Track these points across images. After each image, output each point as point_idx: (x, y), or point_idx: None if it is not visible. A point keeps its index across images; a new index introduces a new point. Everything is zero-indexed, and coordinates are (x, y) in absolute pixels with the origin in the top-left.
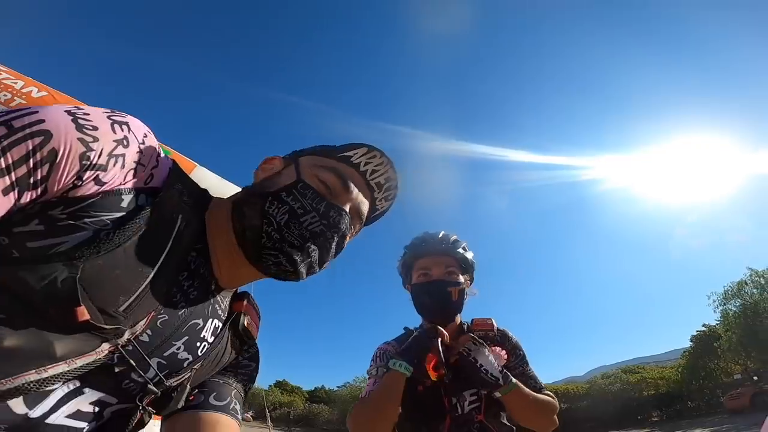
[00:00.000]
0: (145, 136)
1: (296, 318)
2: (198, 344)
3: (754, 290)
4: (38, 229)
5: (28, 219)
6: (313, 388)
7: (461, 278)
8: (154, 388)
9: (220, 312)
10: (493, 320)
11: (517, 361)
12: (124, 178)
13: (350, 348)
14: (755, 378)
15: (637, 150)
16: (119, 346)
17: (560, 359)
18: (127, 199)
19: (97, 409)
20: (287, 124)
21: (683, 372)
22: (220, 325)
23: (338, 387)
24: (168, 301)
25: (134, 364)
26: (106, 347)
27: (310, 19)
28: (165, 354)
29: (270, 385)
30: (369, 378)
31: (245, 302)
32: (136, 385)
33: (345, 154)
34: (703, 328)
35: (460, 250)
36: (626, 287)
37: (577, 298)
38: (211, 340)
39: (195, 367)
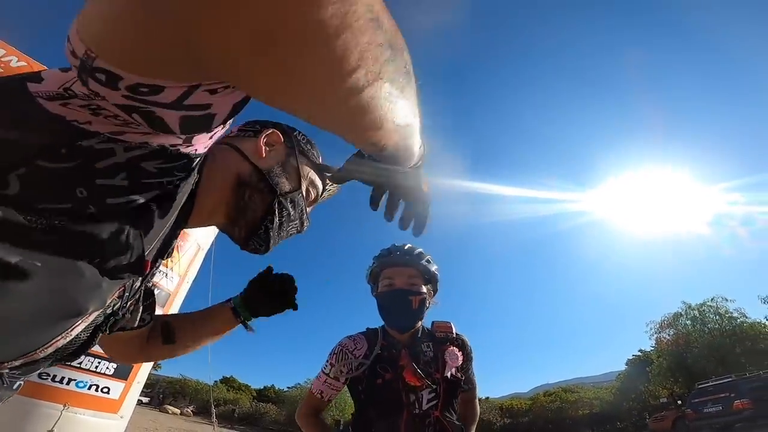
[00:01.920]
0: None
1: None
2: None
3: (688, 322)
4: (122, 185)
5: (116, 171)
6: (262, 387)
7: (423, 288)
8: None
9: None
10: (452, 324)
11: (468, 366)
12: (204, 142)
13: (303, 349)
14: (679, 402)
15: (598, 185)
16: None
17: (508, 375)
18: (193, 163)
19: (87, 335)
20: None
21: (616, 393)
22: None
23: (288, 388)
24: (163, 248)
25: (128, 297)
26: (121, 289)
27: None
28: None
29: (216, 381)
30: (321, 375)
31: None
32: (102, 315)
33: (326, 173)
34: (639, 353)
35: (424, 262)
36: (576, 311)
37: (531, 318)
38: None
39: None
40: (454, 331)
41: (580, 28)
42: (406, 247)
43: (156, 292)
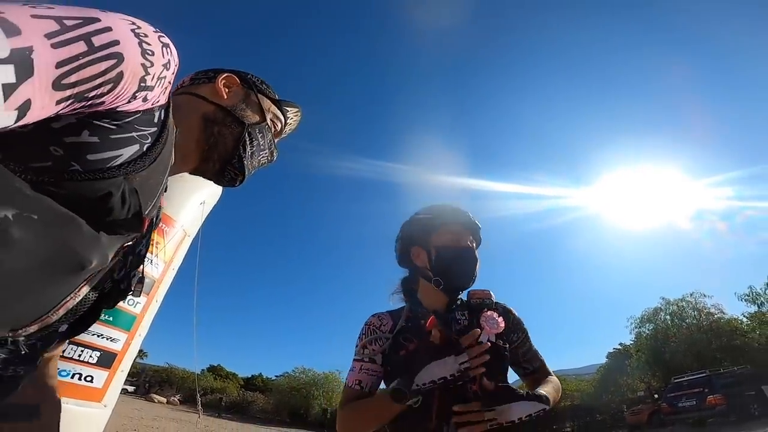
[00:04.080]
0: (177, 56)
1: (238, 303)
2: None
3: (667, 317)
4: (93, 141)
5: (78, 129)
6: (249, 376)
7: None
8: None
9: None
10: (491, 292)
11: (522, 338)
12: (160, 96)
13: (291, 338)
14: (655, 396)
15: (584, 182)
16: (127, 246)
17: None
18: (157, 115)
19: (95, 296)
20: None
21: (596, 386)
22: None
23: (276, 376)
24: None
25: (130, 256)
26: (123, 250)
27: (287, 58)
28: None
29: (202, 370)
30: (354, 360)
31: None
32: (111, 282)
33: (286, 108)
34: (619, 347)
35: (480, 231)
36: (560, 304)
37: (518, 312)
38: None
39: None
40: (493, 298)
41: (572, 26)
42: (467, 211)
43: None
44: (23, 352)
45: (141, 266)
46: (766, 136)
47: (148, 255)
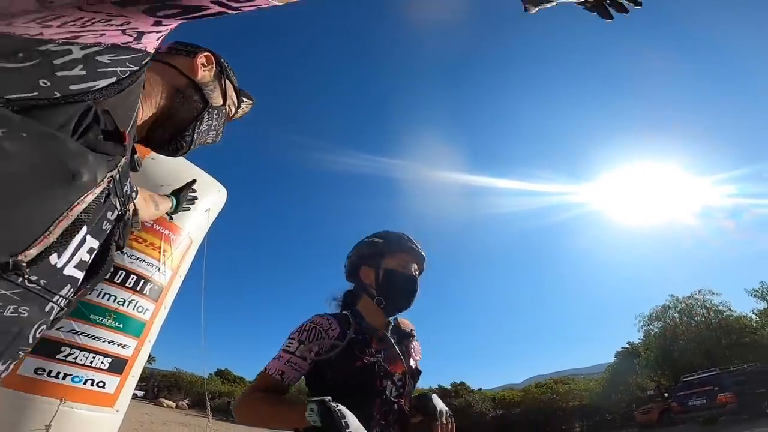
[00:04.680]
0: None
1: (245, 306)
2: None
3: (675, 314)
4: (81, 74)
5: (74, 64)
6: None
7: None
8: (123, 222)
9: None
10: (413, 325)
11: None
12: (152, 43)
13: None
14: (665, 395)
15: (593, 178)
16: (112, 176)
17: (501, 367)
18: (147, 59)
19: (89, 257)
20: (277, 159)
21: (605, 385)
22: None
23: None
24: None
25: (118, 192)
26: (109, 175)
27: (287, 53)
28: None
29: (210, 374)
30: (283, 351)
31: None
32: (108, 223)
33: (243, 98)
34: (627, 346)
35: (425, 262)
36: (569, 303)
37: (525, 310)
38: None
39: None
40: (414, 331)
41: (574, 22)
42: (417, 241)
43: (149, 286)
44: (26, 289)
45: (131, 204)
46: None
47: (156, 263)
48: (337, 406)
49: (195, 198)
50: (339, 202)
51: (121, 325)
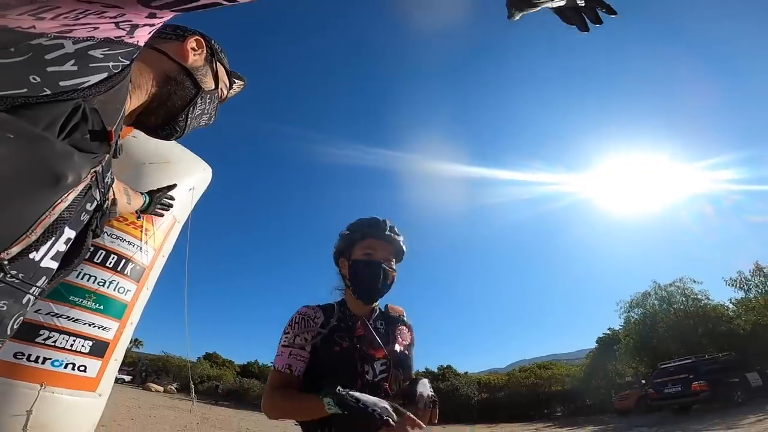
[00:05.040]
0: None
1: (233, 289)
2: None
3: (656, 301)
4: (72, 70)
5: (66, 59)
6: (246, 363)
7: (394, 266)
8: (101, 212)
9: None
10: (403, 310)
11: (411, 350)
12: (143, 36)
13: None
14: (643, 381)
15: (579, 168)
16: (96, 171)
17: (487, 351)
18: (135, 54)
19: (65, 247)
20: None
21: (586, 371)
22: None
23: (272, 362)
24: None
25: (99, 185)
26: (92, 171)
27: (290, 44)
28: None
29: (199, 358)
30: (283, 346)
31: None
32: (87, 214)
33: (234, 79)
34: (608, 332)
35: (401, 241)
36: (555, 289)
37: (512, 296)
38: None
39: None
40: (405, 316)
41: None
42: (388, 223)
43: (130, 266)
44: (5, 284)
45: (110, 193)
46: (752, 123)
47: (138, 242)
48: (347, 392)
49: (170, 206)
50: (332, 191)
51: (101, 307)
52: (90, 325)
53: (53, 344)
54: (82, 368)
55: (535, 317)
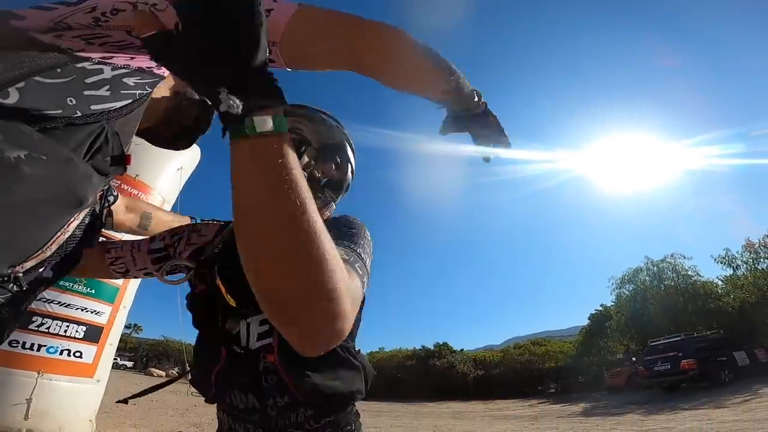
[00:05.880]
0: None
1: None
2: None
3: (647, 277)
4: (105, 95)
5: (102, 84)
6: None
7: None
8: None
9: None
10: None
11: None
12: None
13: None
14: (633, 359)
15: (575, 146)
16: (103, 190)
17: (482, 328)
18: (160, 82)
19: (59, 257)
20: None
21: (578, 348)
22: None
23: None
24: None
25: (101, 202)
26: (101, 189)
27: None
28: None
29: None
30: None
31: None
32: (83, 225)
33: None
34: (600, 308)
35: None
36: (550, 266)
37: (509, 273)
38: None
39: None
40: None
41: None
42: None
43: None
44: (10, 294)
45: (108, 204)
46: (743, 100)
47: None
48: None
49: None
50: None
51: (92, 291)
52: (83, 309)
53: (47, 331)
54: (77, 354)
55: (530, 294)
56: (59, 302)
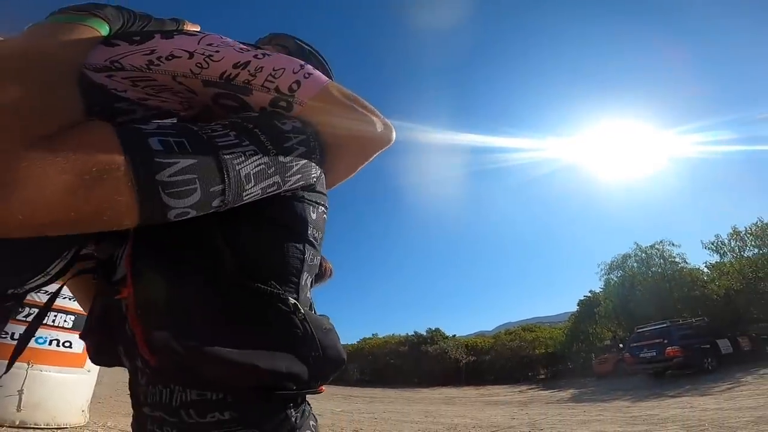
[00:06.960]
0: None
1: None
2: None
3: (635, 264)
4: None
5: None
6: None
7: None
8: None
9: None
10: None
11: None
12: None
13: None
14: (621, 345)
15: (564, 134)
16: None
17: (475, 314)
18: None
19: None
20: None
21: (567, 334)
22: None
23: None
24: None
25: None
26: None
27: (305, 18)
28: None
29: None
30: None
31: None
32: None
33: None
34: (589, 294)
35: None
36: (542, 252)
37: (501, 259)
38: None
39: None
40: None
41: None
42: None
43: None
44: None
45: None
46: (734, 87)
47: None
48: None
49: None
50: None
51: None
52: (70, 298)
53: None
54: (67, 344)
55: (522, 280)
56: (45, 290)
